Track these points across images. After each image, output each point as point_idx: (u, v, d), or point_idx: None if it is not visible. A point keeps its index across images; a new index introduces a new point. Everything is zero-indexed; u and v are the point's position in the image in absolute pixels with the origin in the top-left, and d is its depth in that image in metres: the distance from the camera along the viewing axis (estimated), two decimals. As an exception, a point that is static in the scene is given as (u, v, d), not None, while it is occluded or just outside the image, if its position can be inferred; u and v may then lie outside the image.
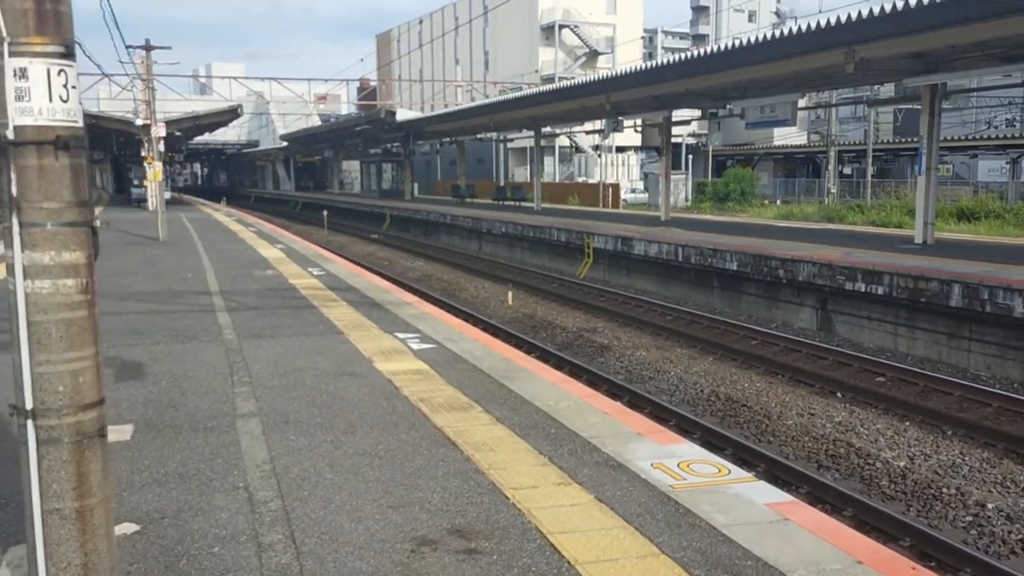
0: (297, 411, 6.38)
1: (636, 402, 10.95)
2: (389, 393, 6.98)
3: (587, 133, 49.50)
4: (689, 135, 61.92)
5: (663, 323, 17.23)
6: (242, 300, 12.30)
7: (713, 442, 9.31)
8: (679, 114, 29.06)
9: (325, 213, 42.69)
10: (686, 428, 9.88)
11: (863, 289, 15.36)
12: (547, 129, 38.42)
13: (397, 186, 61.39)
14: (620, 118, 26.89)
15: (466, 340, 9.34)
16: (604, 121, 45.72)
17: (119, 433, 5.72)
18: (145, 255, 19.09)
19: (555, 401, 6.74)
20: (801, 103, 25.23)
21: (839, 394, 11.73)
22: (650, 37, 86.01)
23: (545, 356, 13.58)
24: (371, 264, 27.06)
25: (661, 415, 10.35)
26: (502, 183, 60.83)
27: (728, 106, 26.58)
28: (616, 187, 49.88)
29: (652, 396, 11.44)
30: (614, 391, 11.48)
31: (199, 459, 5.33)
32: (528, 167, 67.48)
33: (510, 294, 20.43)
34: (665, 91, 24.14)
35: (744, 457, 8.88)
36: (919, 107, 19.22)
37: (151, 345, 8.93)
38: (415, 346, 8.96)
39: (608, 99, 26.40)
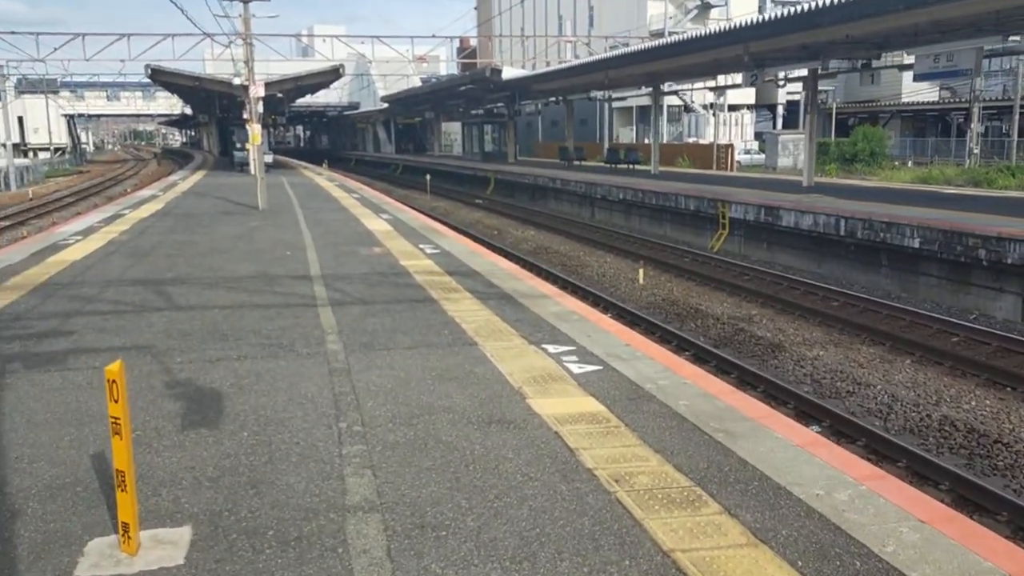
0: (436, 501, 4.22)
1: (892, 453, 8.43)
2: (564, 463, 4.74)
3: (710, 89, 45.83)
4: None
5: (831, 311, 14.49)
6: (347, 289, 10.30)
7: None
8: (786, 76, 25.67)
9: (428, 177, 40.90)
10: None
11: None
12: (669, 86, 35.34)
13: (499, 148, 59.13)
14: (759, 71, 23.74)
15: (640, 358, 7.02)
16: (711, 80, 42.23)
17: (169, 547, 3.70)
18: (242, 227, 17.46)
19: (824, 487, 4.37)
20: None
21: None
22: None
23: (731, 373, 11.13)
24: (480, 234, 25.01)
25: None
26: (607, 145, 57.92)
27: (884, 56, 23.13)
28: (730, 148, 46.43)
29: (912, 449, 8.86)
30: (838, 427, 8.98)
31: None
32: (633, 128, 64.25)
33: (641, 272, 17.98)
34: (817, 38, 20.93)
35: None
36: None
37: (236, 361, 6.95)
38: (575, 367, 6.70)
39: (747, 50, 23.32)
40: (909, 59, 31.01)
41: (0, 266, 12.08)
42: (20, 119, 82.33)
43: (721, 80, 36.95)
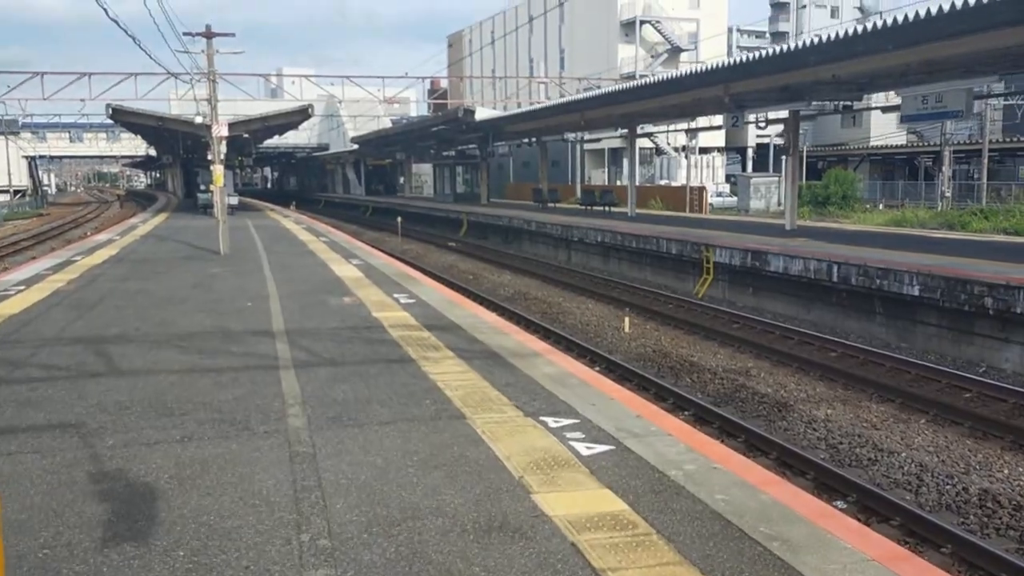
0: (429, 662, 3.16)
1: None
2: (591, 594, 3.71)
3: (685, 131, 45.63)
4: (777, 135, 57.72)
5: (830, 363, 13.65)
6: (314, 347, 9.22)
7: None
8: (766, 117, 25.22)
9: (399, 220, 39.93)
10: None
11: None
12: (643, 128, 34.86)
13: (472, 189, 58.43)
14: (740, 112, 23.21)
15: (656, 435, 6.02)
16: (687, 122, 42.03)
17: None
18: (201, 274, 16.30)
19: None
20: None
21: None
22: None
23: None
24: (455, 279, 24.03)
25: None
26: (580, 186, 57.52)
27: (865, 97, 22.75)
28: (702, 190, 46.18)
29: (955, 531, 7.89)
30: (865, 502, 8.02)
31: None
32: (605, 169, 64.03)
33: (627, 320, 17.07)
34: (803, 79, 20.42)
35: None
36: None
37: (179, 443, 5.84)
38: (583, 448, 5.69)
39: (727, 90, 22.78)
40: (882, 101, 30.87)
41: (-77, 321, 10.85)
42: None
43: (701, 122, 36.64)
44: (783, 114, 27.82)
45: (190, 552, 4.09)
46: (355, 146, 66.29)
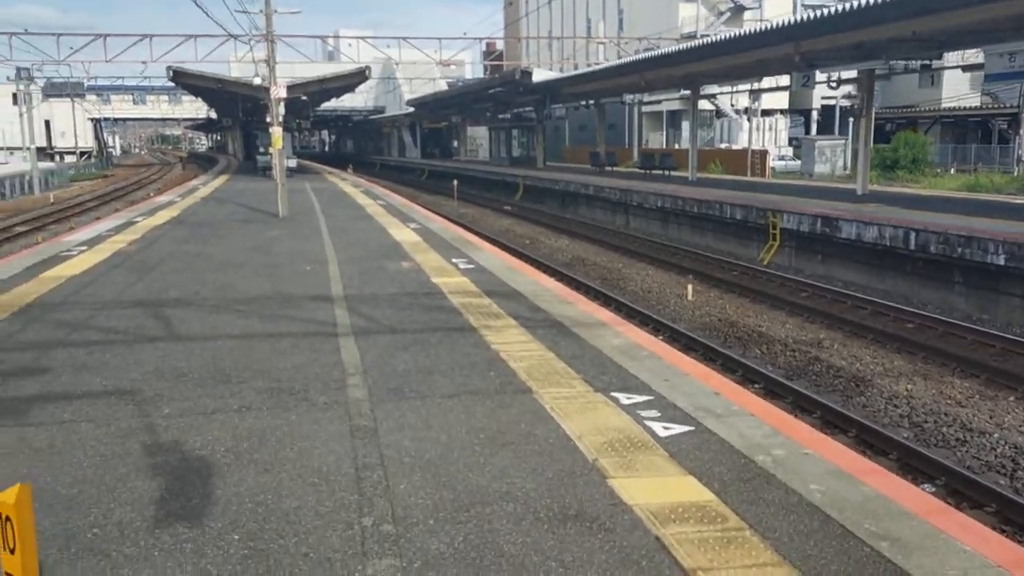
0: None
1: None
2: (682, 598, 3.35)
3: (750, 91, 44.21)
4: (844, 97, 55.60)
5: (907, 334, 12.97)
6: (373, 313, 8.96)
7: None
8: (839, 77, 23.95)
9: (455, 183, 39.62)
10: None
11: None
12: (711, 89, 33.79)
13: (527, 153, 57.68)
14: (811, 72, 22.18)
15: (737, 414, 5.61)
16: (751, 83, 40.60)
17: None
18: (259, 237, 16.21)
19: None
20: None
21: None
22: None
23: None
24: (512, 244, 23.65)
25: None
26: (637, 149, 56.42)
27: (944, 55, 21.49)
28: (764, 154, 44.85)
29: None
30: (956, 487, 7.49)
31: None
32: (663, 133, 62.66)
33: (690, 288, 16.52)
34: (879, 36, 19.36)
35: None
36: None
37: (237, 413, 5.62)
38: (660, 428, 5.30)
39: (798, 49, 21.78)
40: (956, 61, 29.26)
41: (-13, 283, 10.89)
42: (47, 122, 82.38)
43: (765, 83, 35.39)
44: (853, 74, 26.63)
45: (246, 536, 3.84)
46: (411, 109, 65.99)
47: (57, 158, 78.69)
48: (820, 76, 23.69)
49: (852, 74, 26.45)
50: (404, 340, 7.75)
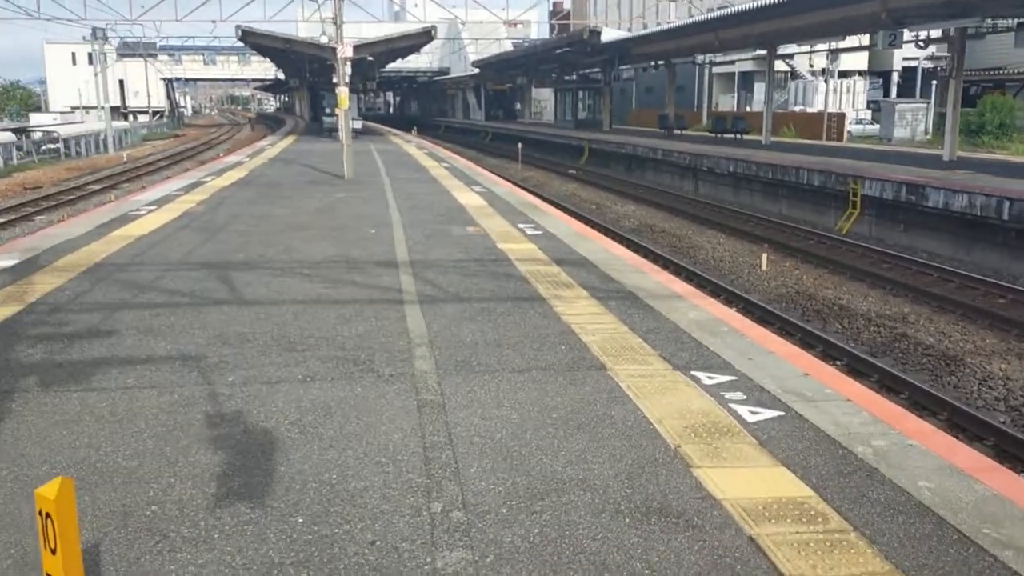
0: None
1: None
2: (784, 612, 3.02)
3: (829, 51, 42.48)
4: (927, 58, 53.07)
5: (999, 310, 12.22)
6: (439, 280, 8.72)
7: None
8: (927, 36, 22.49)
9: (520, 146, 39.11)
10: None
11: None
12: (789, 48, 32.46)
13: (593, 116, 56.66)
14: (898, 30, 21.01)
15: (830, 398, 5.19)
16: (830, 43, 38.91)
17: None
18: (325, 199, 16.12)
19: None
20: None
21: None
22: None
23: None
24: (578, 209, 23.19)
25: None
26: (707, 112, 54.96)
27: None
28: (841, 117, 43.13)
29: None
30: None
31: None
32: (735, 95, 60.87)
33: (764, 257, 15.90)
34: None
35: None
36: None
37: (301, 384, 5.44)
38: (746, 412, 4.93)
39: (884, 5, 20.63)
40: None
41: (58, 241, 10.97)
42: (121, 82, 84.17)
43: (844, 43, 33.86)
44: (939, 33, 25.21)
45: (310, 519, 3.63)
46: (476, 70, 65.40)
47: (130, 117, 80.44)
48: (907, 36, 22.42)
49: (938, 33, 25.07)
50: (471, 309, 7.48)
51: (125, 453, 4.29)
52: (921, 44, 24.03)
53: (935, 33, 24.15)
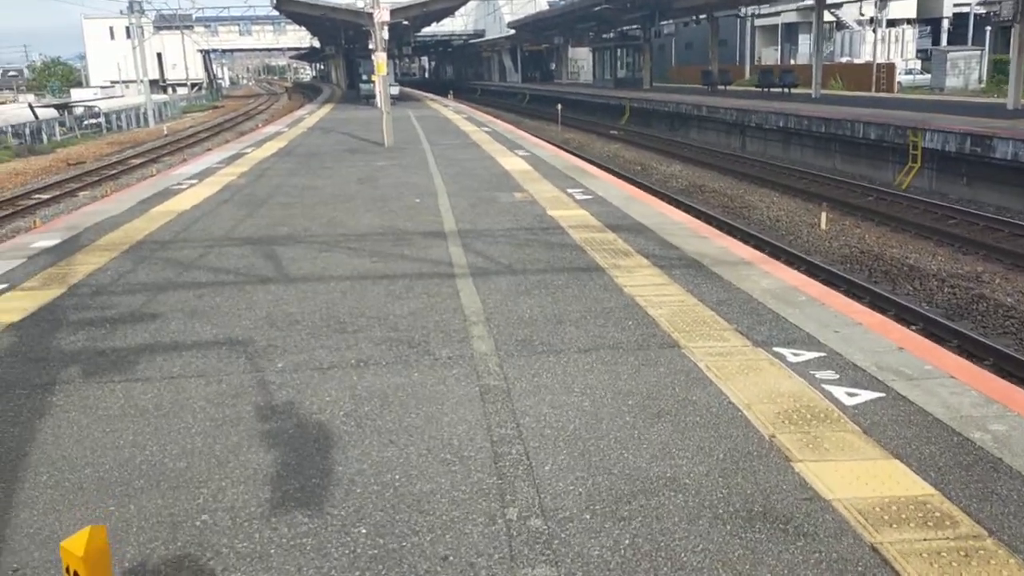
0: None
1: None
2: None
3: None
4: (979, 3, 50.80)
5: (1083, 269, 11.48)
6: (490, 251, 8.32)
7: None
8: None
9: (559, 107, 38.31)
10: None
11: None
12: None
13: (632, 74, 55.41)
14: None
15: (933, 376, 4.71)
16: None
17: None
18: (367, 168, 15.76)
19: None
20: None
21: None
22: None
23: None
24: (622, 170, 22.56)
25: None
26: (749, 66, 53.49)
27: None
28: (891, 67, 41.55)
29: None
30: None
31: None
32: (778, 48, 59.10)
33: (823, 216, 15.22)
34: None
35: None
36: None
37: (354, 369, 5.10)
38: (842, 394, 4.48)
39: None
40: None
41: (100, 219, 10.76)
42: (159, 55, 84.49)
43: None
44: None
45: (373, 529, 3.28)
46: (511, 31, 64.29)
47: (169, 90, 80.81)
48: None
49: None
50: (526, 282, 7.07)
51: (172, 453, 3.99)
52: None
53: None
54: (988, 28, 47.81)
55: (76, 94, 63.03)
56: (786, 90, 34.14)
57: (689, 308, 6.18)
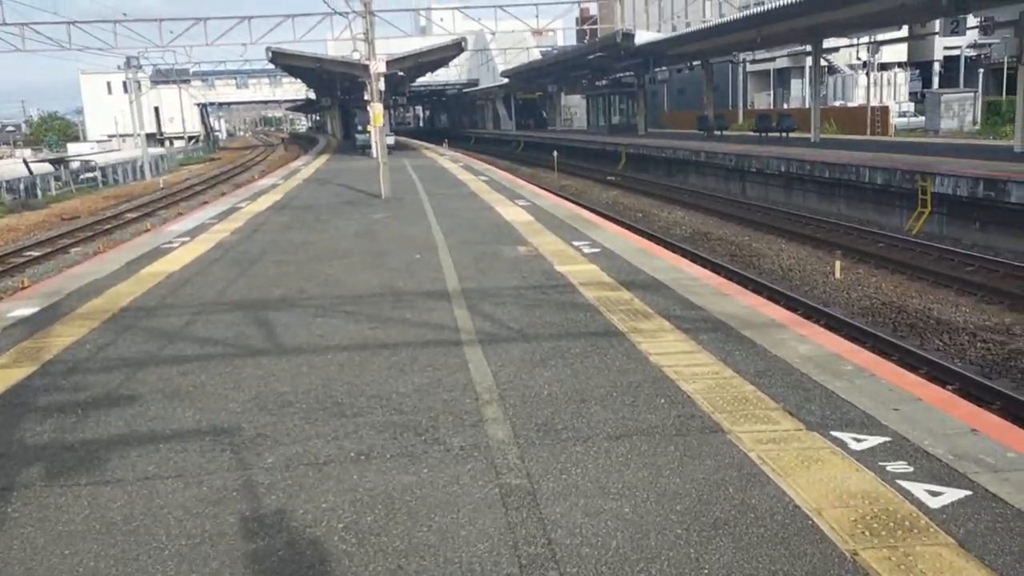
0: None
1: None
2: None
3: (873, 43, 40.91)
4: (969, 46, 51.21)
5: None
6: (498, 315, 7.73)
7: None
8: (993, 20, 21.14)
9: (555, 154, 38.11)
10: None
11: None
12: (834, 42, 31.12)
13: (627, 120, 55.48)
14: (962, 16, 19.64)
15: (1017, 465, 4.10)
16: (872, 35, 37.46)
17: None
18: (364, 221, 15.24)
19: None
20: None
21: None
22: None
23: None
24: (622, 216, 22.11)
25: None
26: (742, 111, 53.60)
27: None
28: (886, 110, 41.56)
29: None
30: None
31: None
32: (771, 92, 59.35)
33: (837, 264, 14.69)
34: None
35: None
36: None
37: (354, 465, 4.45)
38: (923, 494, 3.85)
39: (947, -11, 19.30)
40: None
41: (84, 282, 10.16)
42: (156, 109, 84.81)
43: (886, 34, 32.43)
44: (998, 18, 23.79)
45: None
46: (505, 80, 64.61)
47: (167, 143, 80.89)
48: (975, 19, 21.03)
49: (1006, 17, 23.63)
50: (540, 350, 6.47)
51: (139, 586, 3.34)
52: (987, 25, 22.53)
53: (999, 18, 22.71)
54: (981, 70, 48.03)
55: (73, 148, 62.90)
56: (784, 135, 33.95)
57: (726, 382, 5.57)
